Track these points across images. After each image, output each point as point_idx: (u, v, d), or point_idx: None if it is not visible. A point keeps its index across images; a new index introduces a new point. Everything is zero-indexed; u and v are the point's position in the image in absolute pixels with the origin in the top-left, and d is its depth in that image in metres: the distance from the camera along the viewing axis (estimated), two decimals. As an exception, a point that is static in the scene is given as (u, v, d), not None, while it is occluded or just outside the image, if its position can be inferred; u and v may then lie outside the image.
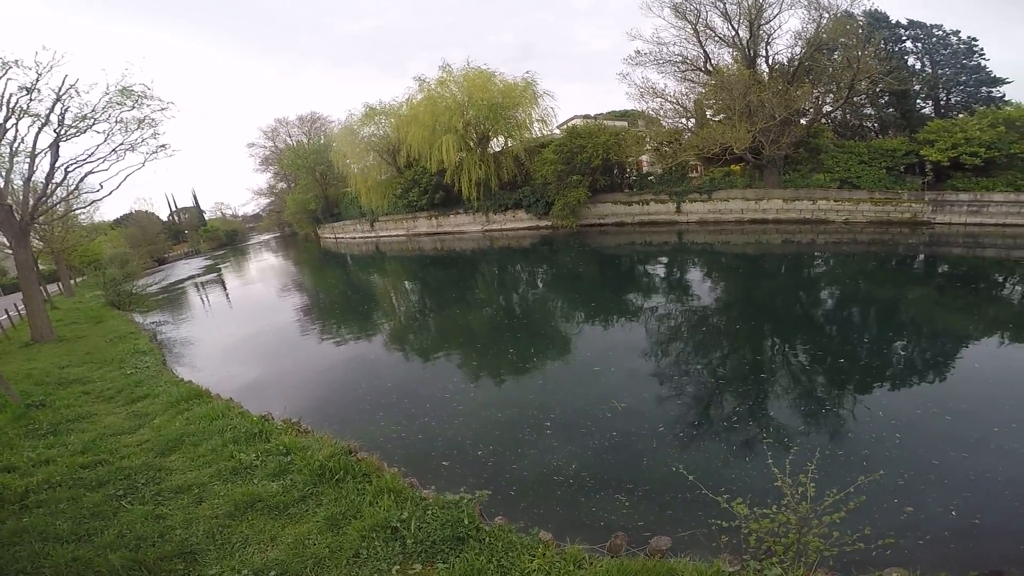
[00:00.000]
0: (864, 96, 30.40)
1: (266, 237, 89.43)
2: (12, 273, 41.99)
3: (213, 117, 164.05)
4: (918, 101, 31.72)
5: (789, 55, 30.22)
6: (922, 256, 21.68)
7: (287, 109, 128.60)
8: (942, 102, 30.97)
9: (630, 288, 20.04)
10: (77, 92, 16.87)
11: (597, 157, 31.02)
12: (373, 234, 50.63)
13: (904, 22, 30.77)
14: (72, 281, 37.36)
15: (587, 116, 44.35)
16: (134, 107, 18.07)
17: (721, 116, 30.84)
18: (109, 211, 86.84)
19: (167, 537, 5.21)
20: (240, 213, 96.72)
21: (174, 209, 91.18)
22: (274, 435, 7.27)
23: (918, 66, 30.92)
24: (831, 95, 30.63)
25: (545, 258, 30.64)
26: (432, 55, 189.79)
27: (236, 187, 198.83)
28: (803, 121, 30.55)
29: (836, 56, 29.33)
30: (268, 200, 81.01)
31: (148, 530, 5.36)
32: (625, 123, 38.12)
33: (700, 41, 30.46)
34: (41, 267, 33.30)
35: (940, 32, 30.05)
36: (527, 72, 38.91)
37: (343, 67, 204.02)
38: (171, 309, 28.94)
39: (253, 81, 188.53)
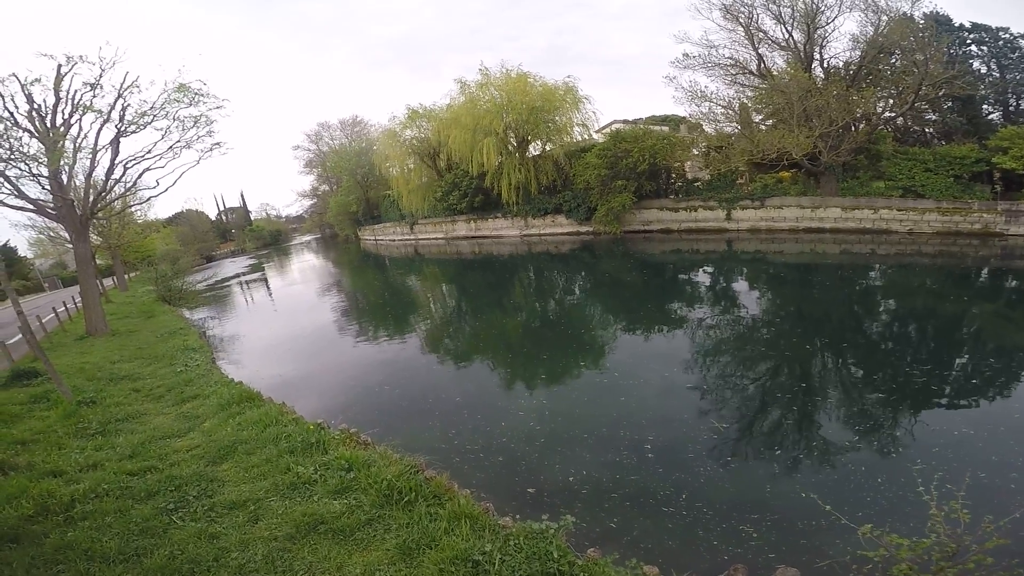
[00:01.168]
0: (926, 102, 28.64)
1: (308, 238, 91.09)
2: (72, 267, 43.55)
3: (257, 120, 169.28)
4: (984, 107, 29.78)
5: (846, 59, 28.88)
6: (996, 269, 19.94)
7: (326, 113, 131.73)
8: (1011, 108, 29.01)
9: (688, 297, 18.93)
10: (138, 88, 16.98)
11: (644, 162, 29.93)
12: (412, 237, 50.62)
13: (968, 25, 28.95)
14: (126, 276, 38.47)
15: (626, 121, 43.31)
16: (191, 104, 18.14)
17: (772, 121, 29.57)
18: (162, 209, 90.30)
19: (222, 561, 4.65)
20: (284, 214, 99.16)
21: (222, 209, 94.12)
22: (332, 446, 6.67)
23: (983, 70, 29.08)
24: (892, 100, 28.91)
25: (589, 264, 29.71)
26: (463, 59, 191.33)
27: (281, 189, 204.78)
28: (863, 126, 28.93)
29: (894, 60, 27.82)
30: (311, 202, 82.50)
31: (201, 552, 4.79)
32: (666, 128, 37.03)
33: (753, 43, 29.18)
34: (98, 262, 34.33)
35: (1007, 36, 28.19)
36: (568, 76, 38.13)
37: (377, 70, 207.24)
38: (218, 305, 29.26)
39: (291, 82, 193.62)
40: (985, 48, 29.01)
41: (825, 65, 29.20)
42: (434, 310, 22.38)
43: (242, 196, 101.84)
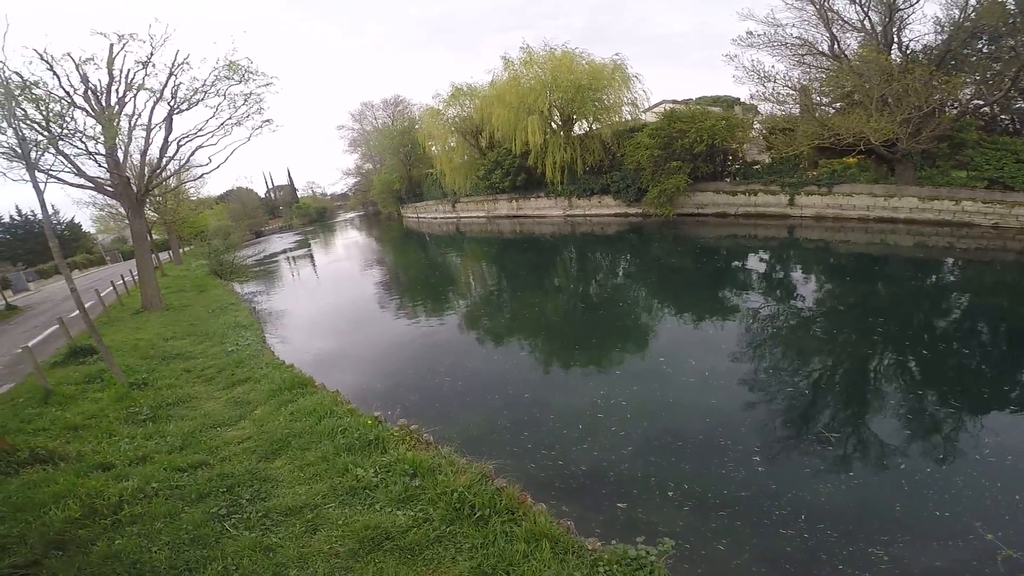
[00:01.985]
0: (1018, 90, 25.94)
1: (351, 215, 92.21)
2: (130, 242, 45.25)
3: (302, 100, 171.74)
4: None
5: (925, 43, 26.46)
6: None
7: (368, 93, 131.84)
8: None
9: (764, 288, 17.55)
10: (188, 66, 16.78)
11: (701, 143, 28.22)
12: (454, 215, 50.15)
13: None
14: (181, 250, 39.58)
15: (675, 101, 41.10)
16: (241, 81, 17.86)
17: (840, 104, 27.45)
18: (214, 187, 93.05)
19: (280, 580, 4.10)
20: (328, 192, 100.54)
21: (271, 187, 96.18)
22: (391, 445, 6.12)
23: None
24: (982, 87, 26.26)
25: (641, 247, 28.50)
26: (501, 38, 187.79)
27: (326, 167, 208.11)
28: (946, 113, 26.49)
29: (980, 46, 25.21)
30: (355, 180, 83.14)
31: (257, 567, 4.31)
32: (718, 109, 34.99)
33: (826, 23, 27.00)
34: (154, 237, 35.35)
35: None
36: (616, 54, 36.25)
37: (415, 50, 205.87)
38: (267, 280, 29.63)
39: (333, 64, 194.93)
40: None
41: (904, 49, 27.01)
42: (487, 291, 21.70)
43: (289, 174, 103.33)
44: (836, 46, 27.29)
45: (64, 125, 14.75)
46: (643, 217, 33.43)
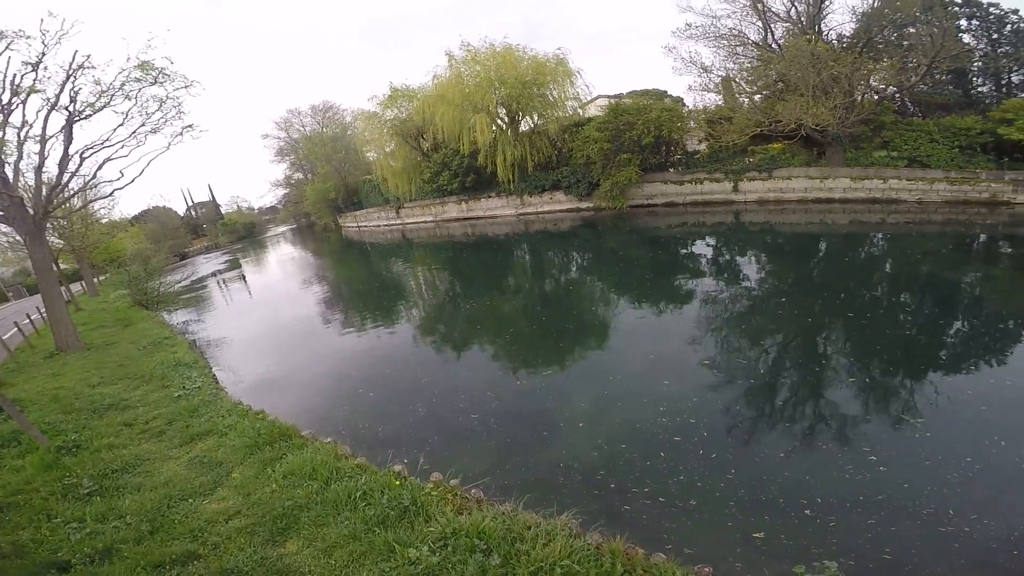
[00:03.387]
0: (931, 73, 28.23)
1: (282, 228, 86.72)
2: (34, 274, 39.82)
3: (219, 110, 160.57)
4: (975, 80, 29.37)
5: (842, 31, 28.19)
6: (1007, 236, 19.59)
7: (294, 100, 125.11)
8: (1003, 81, 28.59)
9: (715, 272, 17.66)
10: (92, 67, 14.28)
11: (649, 134, 28.27)
12: (399, 221, 47.96)
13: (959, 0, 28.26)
14: (96, 280, 35.07)
15: (609, 96, 41.29)
16: (155, 83, 15.50)
17: (766, 92, 28.63)
18: (126, 207, 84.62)
19: None
20: (256, 206, 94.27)
21: (191, 204, 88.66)
22: (434, 510, 4.80)
23: (973, 43, 28.55)
24: (900, 73, 28.22)
25: (598, 241, 28.07)
26: (436, 38, 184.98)
27: (251, 180, 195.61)
28: (868, 97, 28.24)
29: (888, 33, 27.12)
30: (284, 191, 78.39)
31: None
32: (650, 102, 35.52)
33: (760, 13, 27.93)
34: (63, 266, 30.98)
35: (997, 11, 27.54)
36: (559, 48, 36.10)
37: (344, 54, 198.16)
38: (200, 307, 26.61)
39: (253, 70, 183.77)
40: (975, 22, 28.56)
41: (827, 37, 28.45)
42: (453, 300, 20.25)
43: (210, 190, 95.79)
44: (769, 36, 28.30)
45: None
46: (595, 211, 33.18)
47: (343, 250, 45.12)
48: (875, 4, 27.06)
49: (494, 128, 35.30)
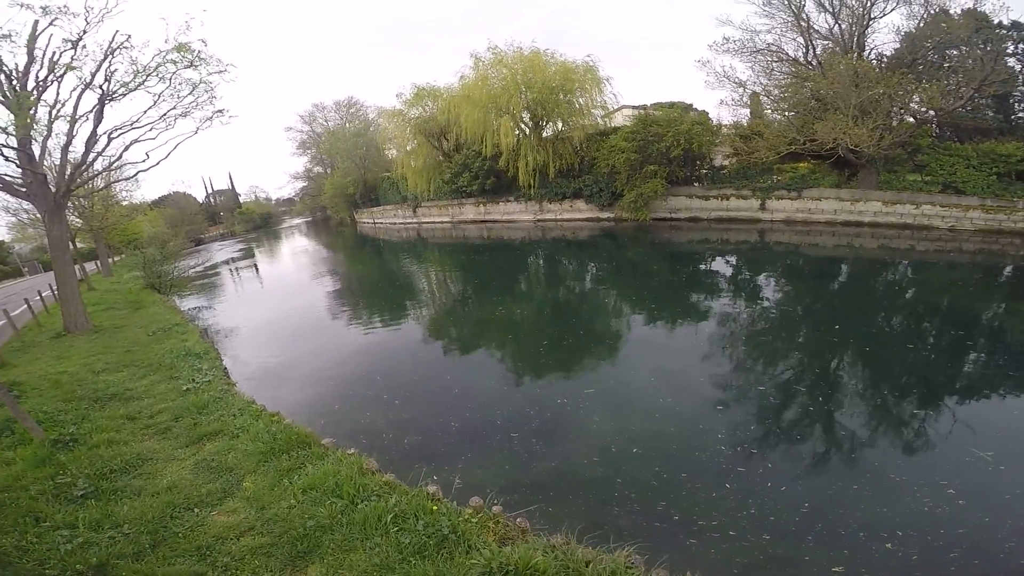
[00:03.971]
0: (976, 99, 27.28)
1: (298, 221, 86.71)
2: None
3: (242, 101, 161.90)
4: (1016, 106, 28.34)
5: (883, 50, 27.43)
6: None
7: (318, 95, 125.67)
8: None
9: (736, 291, 16.82)
10: (131, 46, 13.82)
11: (678, 147, 27.54)
12: (415, 220, 47.46)
13: (1006, 23, 27.34)
14: (111, 260, 34.84)
15: (633, 106, 40.62)
16: (190, 66, 15.05)
17: (797, 111, 27.83)
18: (148, 191, 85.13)
19: None
20: (273, 197, 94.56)
21: (210, 191, 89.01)
22: (475, 539, 4.18)
23: (1018, 68, 27.61)
24: (945, 95, 27.40)
25: (619, 253, 27.32)
26: (459, 41, 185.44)
27: (270, 171, 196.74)
28: (908, 120, 27.39)
29: (933, 55, 26.26)
30: (303, 184, 78.41)
31: None
32: (679, 114, 34.81)
33: (804, 31, 27.24)
34: (80, 245, 30.73)
35: None
36: (588, 55, 35.34)
37: (369, 53, 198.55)
38: (212, 294, 26.14)
39: (281, 65, 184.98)
40: (1022, 46, 27.60)
41: (867, 56, 27.68)
42: (476, 303, 19.60)
43: (230, 178, 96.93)
44: (810, 53, 27.55)
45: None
46: (615, 222, 32.43)
47: (359, 245, 44.57)
48: (919, 25, 26.42)
49: (517, 132, 34.79)
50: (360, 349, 13.10)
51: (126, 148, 16.61)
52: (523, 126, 35.22)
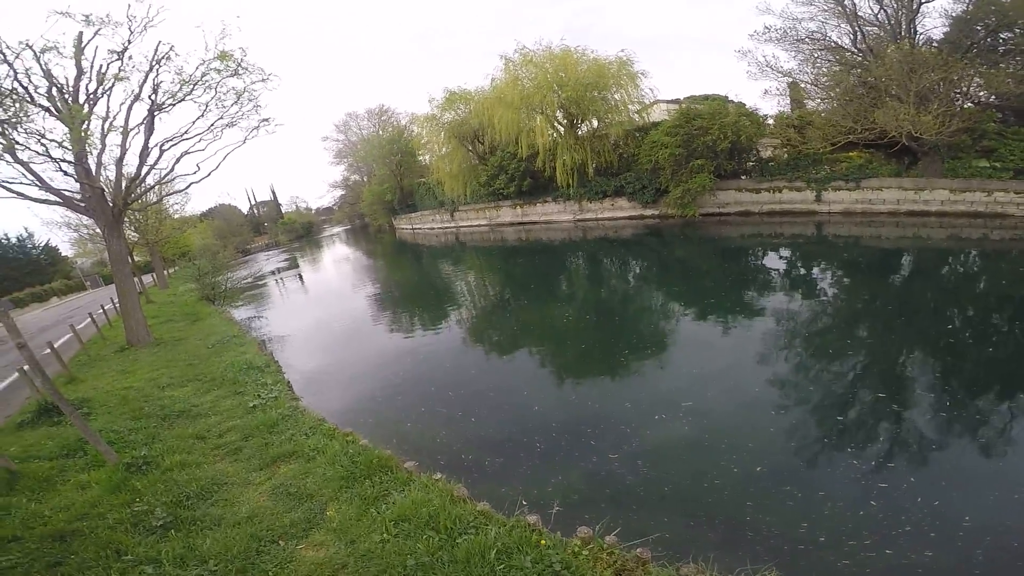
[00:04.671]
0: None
1: (338, 229, 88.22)
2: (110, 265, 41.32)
3: (281, 113, 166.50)
4: None
5: (933, 35, 25.69)
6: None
7: (351, 104, 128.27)
8: None
9: (803, 287, 15.60)
10: (176, 54, 13.82)
11: (726, 139, 26.30)
12: (452, 224, 47.32)
13: None
14: (165, 272, 35.88)
15: (666, 101, 39.20)
16: (234, 74, 15.01)
17: (847, 98, 26.14)
18: (195, 204, 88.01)
19: None
20: (313, 207, 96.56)
21: (254, 203, 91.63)
22: (586, 572, 3.73)
23: None
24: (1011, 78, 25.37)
25: (669, 251, 26.23)
26: (485, 44, 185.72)
27: (309, 181, 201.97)
28: (970, 105, 25.53)
29: (984, 38, 24.36)
30: (341, 193, 79.69)
31: None
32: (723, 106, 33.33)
33: (850, 18, 25.72)
34: (136, 258, 31.69)
35: None
36: (622, 50, 34.22)
37: (400, 57, 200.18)
38: (265, 304, 26.40)
39: (314, 74, 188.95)
40: None
41: (919, 42, 25.89)
42: (550, 314, 18.95)
43: (272, 189, 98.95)
44: (859, 39, 25.98)
45: (22, 127, 11.72)
46: (660, 219, 31.27)
47: (403, 252, 44.29)
48: (968, 7, 24.60)
49: (552, 131, 34.06)
50: (423, 359, 12.46)
51: (177, 160, 16.81)
52: (558, 125, 34.48)
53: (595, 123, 34.65)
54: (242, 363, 11.54)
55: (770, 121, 29.65)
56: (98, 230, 21.21)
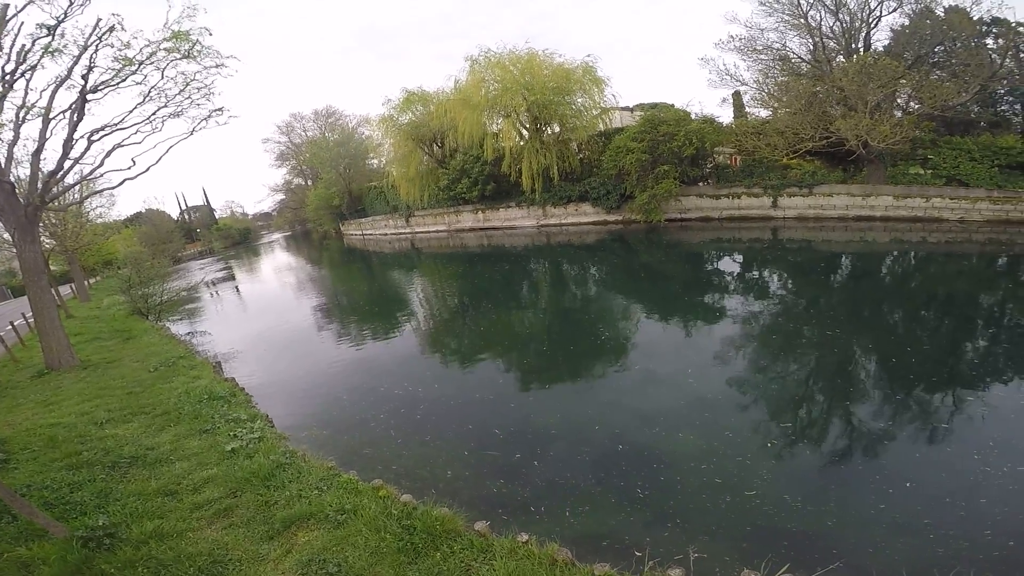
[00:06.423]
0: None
1: (277, 235, 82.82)
2: (20, 275, 36.17)
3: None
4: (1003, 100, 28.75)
5: (881, 48, 27.03)
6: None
7: (292, 105, 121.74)
8: None
9: (764, 291, 15.68)
10: (122, 28, 11.57)
11: (691, 145, 26.44)
12: (408, 230, 45.19)
13: (987, 19, 27.47)
14: (87, 283, 31.49)
15: (620, 108, 39.53)
16: (186, 56, 12.91)
17: (795, 108, 27.22)
18: (119, 209, 79.67)
19: None
20: (250, 212, 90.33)
21: (184, 207, 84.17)
22: None
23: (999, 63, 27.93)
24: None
25: (632, 256, 25.98)
26: (437, 46, 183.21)
27: (245, 185, 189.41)
28: (910, 115, 27.22)
29: (938, 50, 26.04)
30: (280, 197, 74.93)
31: None
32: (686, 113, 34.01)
33: (813, 29, 26.69)
34: (52, 268, 27.51)
35: None
36: (588, 55, 34.12)
37: (343, 59, 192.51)
38: (205, 316, 23.58)
39: (250, 73, 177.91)
40: (1001, 42, 27.97)
41: (863, 52, 27.41)
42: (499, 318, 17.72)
43: (205, 194, 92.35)
44: (822, 51, 26.96)
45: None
46: (623, 224, 31.14)
47: (352, 260, 41.61)
48: (906, 23, 26.32)
49: (516, 135, 33.27)
50: (424, 386, 10.70)
51: (108, 154, 14.18)
52: (522, 129, 33.71)
53: (557, 128, 34.18)
54: (199, 391, 9.56)
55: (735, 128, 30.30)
56: (6, 236, 17.93)
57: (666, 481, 6.08)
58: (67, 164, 13.43)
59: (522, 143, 32.58)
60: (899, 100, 26.58)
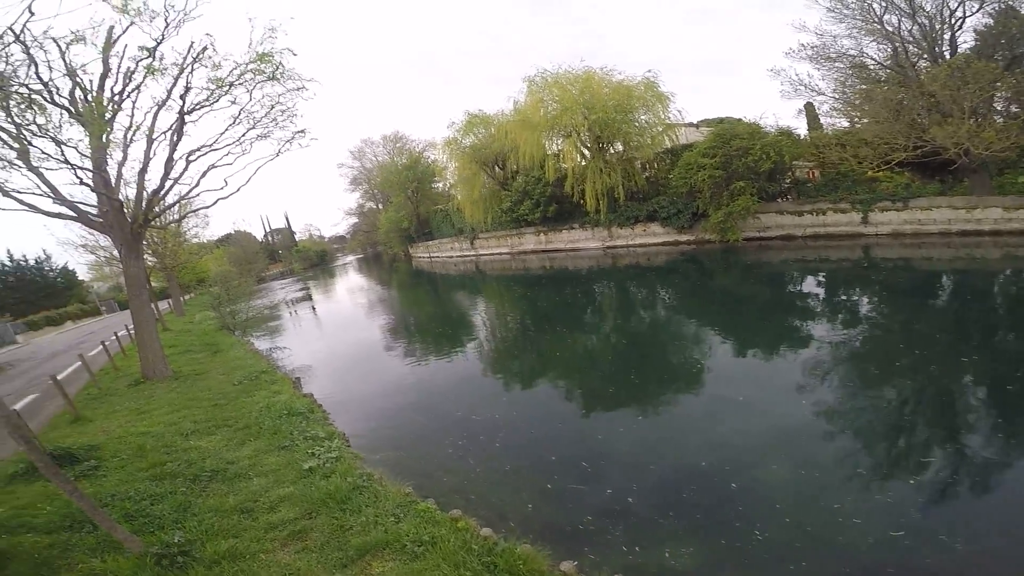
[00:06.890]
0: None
1: (351, 258, 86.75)
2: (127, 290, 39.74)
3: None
4: None
5: (969, 49, 24.39)
6: None
7: (361, 131, 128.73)
8: None
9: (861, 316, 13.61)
10: (214, 51, 12.25)
11: (768, 160, 24.77)
12: (472, 253, 45.58)
13: None
14: (182, 299, 34.06)
15: (685, 125, 37.98)
16: (271, 78, 13.45)
17: (876, 118, 24.77)
18: (211, 230, 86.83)
19: None
20: (327, 235, 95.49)
21: (268, 230, 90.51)
22: None
23: None
24: None
25: (710, 279, 24.44)
26: (484, 68, 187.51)
27: (323, 209, 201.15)
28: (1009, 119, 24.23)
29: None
30: (355, 220, 78.53)
31: None
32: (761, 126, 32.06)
33: (892, 35, 24.65)
34: (153, 284, 29.94)
35: None
36: (648, 71, 33.24)
37: (405, 86, 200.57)
38: (288, 334, 24.48)
39: (319, 103, 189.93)
40: None
41: (949, 55, 24.84)
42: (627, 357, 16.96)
43: (287, 217, 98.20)
44: (904, 56, 24.76)
45: (39, 129, 10.09)
46: (696, 244, 29.50)
47: (425, 283, 41.30)
48: (990, 23, 23.63)
49: (577, 155, 32.76)
50: (509, 412, 9.94)
51: (203, 174, 15.05)
52: (584, 148, 33.19)
53: (620, 146, 33.36)
54: (279, 406, 9.52)
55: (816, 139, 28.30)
56: (115, 252, 19.45)
57: (791, 524, 5.11)
58: (168, 183, 14.30)
59: (584, 163, 32.01)
60: (996, 105, 23.70)
